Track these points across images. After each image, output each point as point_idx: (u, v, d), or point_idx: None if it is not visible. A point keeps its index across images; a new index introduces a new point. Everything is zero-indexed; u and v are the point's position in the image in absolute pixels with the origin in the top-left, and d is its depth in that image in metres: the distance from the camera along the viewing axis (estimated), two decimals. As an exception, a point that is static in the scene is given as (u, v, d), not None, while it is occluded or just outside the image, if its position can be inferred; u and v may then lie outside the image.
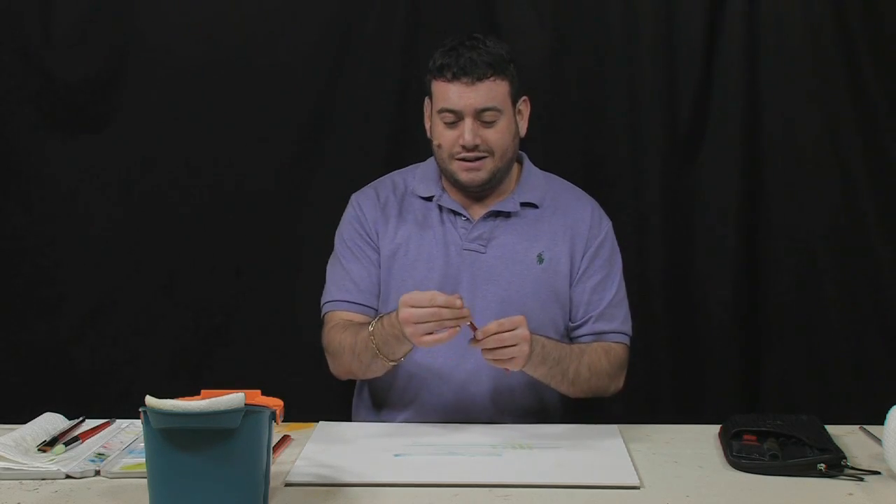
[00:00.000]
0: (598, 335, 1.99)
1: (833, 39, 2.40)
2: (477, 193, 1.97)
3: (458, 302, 1.69)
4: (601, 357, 1.94)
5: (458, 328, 1.70)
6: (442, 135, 1.92)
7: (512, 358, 1.73)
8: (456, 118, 1.90)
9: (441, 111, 1.91)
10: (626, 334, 2.01)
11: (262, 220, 2.49)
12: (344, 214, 2.06)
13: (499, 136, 1.92)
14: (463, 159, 1.91)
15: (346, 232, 2.03)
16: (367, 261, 2.00)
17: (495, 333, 1.72)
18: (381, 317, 1.84)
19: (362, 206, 2.03)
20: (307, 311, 2.13)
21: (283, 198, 2.49)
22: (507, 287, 1.95)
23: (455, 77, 1.88)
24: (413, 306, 1.70)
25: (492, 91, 1.89)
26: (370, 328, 1.84)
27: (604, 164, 2.49)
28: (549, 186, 2.05)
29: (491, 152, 1.91)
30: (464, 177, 1.92)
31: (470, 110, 1.88)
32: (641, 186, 2.48)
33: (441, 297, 1.69)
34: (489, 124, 1.90)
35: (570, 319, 2.01)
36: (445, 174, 1.97)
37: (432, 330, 1.70)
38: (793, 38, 2.42)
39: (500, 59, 1.90)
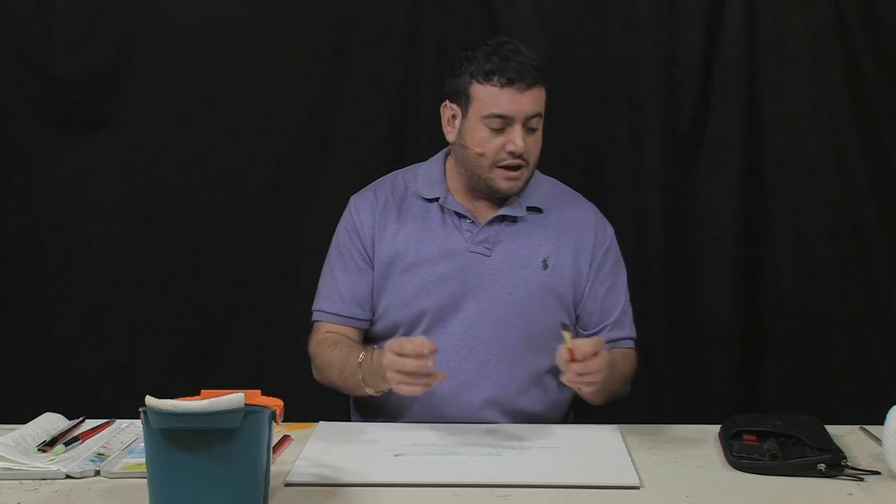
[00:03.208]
0: (614, 342, 2.00)
1: (833, 40, 2.40)
2: (500, 199, 1.96)
3: (430, 363, 1.70)
4: (625, 364, 1.97)
5: (430, 385, 1.72)
6: (487, 142, 1.89)
7: (594, 382, 1.73)
8: (504, 124, 1.87)
9: (490, 117, 1.87)
10: (634, 339, 2.04)
11: (262, 220, 2.50)
12: (342, 218, 2.05)
13: (537, 145, 1.92)
14: (507, 167, 1.89)
15: (341, 238, 2.03)
16: (357, 272, 2.00)
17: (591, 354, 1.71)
18: (372, 351, 1.87)
19: (360, 210, 2.01)
20: (307, 311, 2.12)
21: (282, 197, 2.49)
22: (513, 291, 1.95)
23: (509, 82, 1.85)
24: (398, 354, 1.72)
25: (538, 98, 1.89)
26: (360, 358, 1.86)
27: (604, 164, 2.49)
28: (552, 192, 2.04)
29: (528, 162, 1.91)
30: (504, 185, 1.91)
31: (521, 116, 1.86)
32: (641, 186, 2.48)
33: (425, 350, 1.70)
34: (532, 131, 1.89)
35: (581, 327, 2.01)
36: (477, 181, 1.93)
37: (409, 382, 1.72)
38: (793, 39, 2.42)
39: (542, 66, 1.90)
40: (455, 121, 1.94)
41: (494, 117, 1.87)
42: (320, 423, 1.86)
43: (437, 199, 1.98)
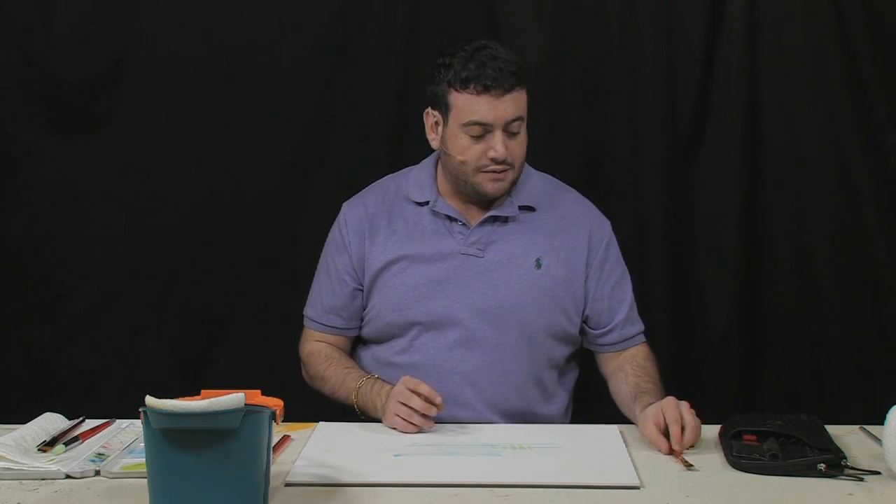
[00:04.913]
0: (628, 339, 2.03)
1: (833, 39, 2.40)
2: (488, 202, 1.96)
3: (433, 412, 1.77)
4: (654, 368, 2.00)
5: (418, 428, 1.78)
6: (468, 149, 1.89)
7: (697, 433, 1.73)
8: (483, 131, 1.87)
9: (469, 124, 1.87)
10: (645, 332, 2.06)
11: (262, 219, 2.50)
12: (333, 225, 2.07)
13: (521, 147, 1.91)
14: (491, 171, 1.89)
15: (329, 248, 2.06)
16: (339, 283, 2.02)
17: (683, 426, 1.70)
18: (372, 379, 1.91)
19: (348, 222, 2.02)
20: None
21: (282, 197, 2.49)
22: (506, 292, 1.95)
23: (485, 90, 1.84)
24: (412, 390, 1.77)
25: (518, 101, 1.88)
26: (357, 384, 1.91)
27: (604, 164, 2.49)
28: (545, 189, 2.04)
29: (513, 165, 1.91)
30: (490, 188, 1.91)
31: (500, 122, 1.86)
32: (641, 186, 2.48)
33: (437, 400, 1.78)
34: (514, 135, 1.89)
35: (591, 327, 2.02)
36: (462, 186, 1.94)
37: (406, 418, 1.77)
38: (793, 39, 2.42)
39: (520, 68, 1.89)
40: (438, 128, 1.94)
41: (473, 125, 1.87)
42: (320, 423, 1.86)
43: (427, 203, 1.98)
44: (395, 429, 1.79)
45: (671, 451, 1.68)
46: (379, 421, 1.85)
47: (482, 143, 1.88)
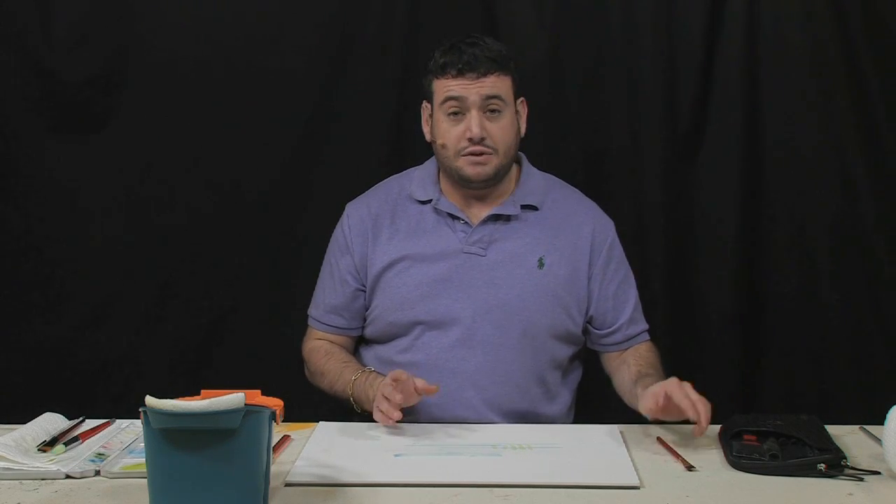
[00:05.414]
0: (632, 339, 2.03)
1: (833, 39, 2.40)
2: (478, 192, 1.97)
3: (398, 398, 1.75)
4: (658, 361, 2.00)
5: (392, 420, 1.75)
6: (447, 132, 1.91)
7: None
8: (461, 108, 1.89)
9: (446, 100, 1.90)
10: (648, 330, 2.06)
11: (262, 220, 2.50)
12: (337, 225, 2.07)
13: (504, 132, 1.91)
14: (470, 154, 1.90)
15: (333, 248, 2.07)
16: (342, 283, 2.02)
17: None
18: (367, 372, 1.92)
19: (352, 223, 2.03)
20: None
21: (283, 198, 2.50)
22: (508, 291, 1.95)
23: (460, 73, 1.88)
24: (395, 379, 1.77)
25: (496, 84, 1.90)
26: (353, 377, 1.91)
27: (604, 164, 2.49)
28: (548, 188, 2.04)
29: (496, 149, 1.91)
30: (470, 171, 1.91)
31: (476, 99, 1.88)
32: (641, 186, 2.48)
33: (409, 385, 1.77)
34: (494, 115, 1.90)
35: (595, 327, 2.02)
36: (449, 173, 1.95)
37: (377, 405, 1.77)
38: (793, 39, 2.42)
39: (501, 56, 1.91)
40: (430, 119, 1.96)
41: (448, 100, 1.90)
42: (320, 423, 1.86)
43: (430, 202, 1.99)
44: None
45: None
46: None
47: (461, 126, 1.90)
